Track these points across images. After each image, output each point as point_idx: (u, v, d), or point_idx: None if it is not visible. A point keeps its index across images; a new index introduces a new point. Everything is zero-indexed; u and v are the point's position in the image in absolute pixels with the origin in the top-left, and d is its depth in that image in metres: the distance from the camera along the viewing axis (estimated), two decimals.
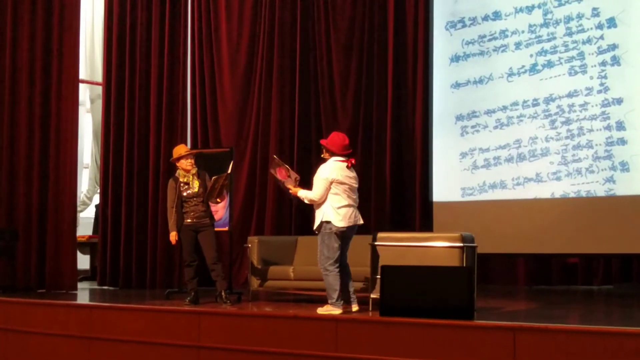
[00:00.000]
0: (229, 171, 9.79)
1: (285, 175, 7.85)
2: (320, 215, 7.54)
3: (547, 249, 10.52)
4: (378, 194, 11.68)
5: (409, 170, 11.70)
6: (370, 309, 7.52)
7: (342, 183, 7.53)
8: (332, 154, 7.65)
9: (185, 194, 8.63)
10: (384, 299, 6.93)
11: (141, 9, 11.88)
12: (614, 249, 10.11)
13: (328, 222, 7.49)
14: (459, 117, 11.29)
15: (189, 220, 8.64)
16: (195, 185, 8.66)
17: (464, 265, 7.31)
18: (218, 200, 8.79)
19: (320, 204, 7.53)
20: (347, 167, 7.61)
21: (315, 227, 7.62)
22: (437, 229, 10.69)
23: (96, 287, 11.68)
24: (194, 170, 8.72)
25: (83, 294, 10.65)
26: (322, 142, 7.81)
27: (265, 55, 12.04)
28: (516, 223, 10.61)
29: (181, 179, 8.68)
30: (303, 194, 7.67)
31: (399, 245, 7.58)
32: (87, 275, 13.11)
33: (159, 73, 11.86)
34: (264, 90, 12.00)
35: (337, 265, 7.51)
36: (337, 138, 7.72)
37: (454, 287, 6.68)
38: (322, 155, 7.83)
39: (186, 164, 8.68)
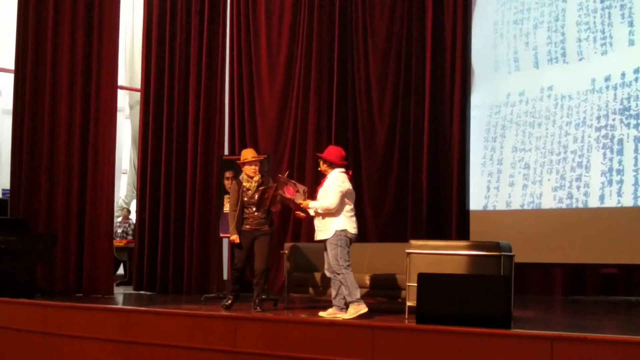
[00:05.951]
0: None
1: (293, 192, 7.80)
2: (333, 225, 7.58)
3: (585, 259, 10.42)
4: (414, 203, 11.66)
5: (445, 179, 11.68)
6: (407, 316, 7.49)
7: (351, 192, 7.68)
8: (332, 165, 7.70)
9: (245, 199, 8.51)
10: (420, 307, 6.89)
11: (180, 17, 11.97)
12: None
13: (343, 230, 7.58)
14: (497, 126, 11.24)
15: (247, 227, 8.53)
16: (256, 193, 8.50)
17: (502, 274, 7.26)
18: (272, 209, 8.68)
19: (332, 213, 7.56)
20: (348, 177, 7.71)
21: (328, 237, 7.60)
22: (474, 238, 10.63)
23: (132, 291, 11.75)
24: (257, 177, 8.55)
25: (120, 299, 10.72)
26: (320, 155, 7.81)
27: (303, 64, 12.10)
28: (553, 233, 10.53)
29: (244, 183, 8.57)
30: (315, 204, 7.66)
31: (437, 254, 7.55)
32: (124, 280, 13.21)
33: (197, 80, 11.94)
34: (301, 100, 12.06)
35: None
36: (335, 150, 7.78)
37: (491, 295, 6.63)
38: (319, 169, 7.84)
39: (249, 170, 8.54)
